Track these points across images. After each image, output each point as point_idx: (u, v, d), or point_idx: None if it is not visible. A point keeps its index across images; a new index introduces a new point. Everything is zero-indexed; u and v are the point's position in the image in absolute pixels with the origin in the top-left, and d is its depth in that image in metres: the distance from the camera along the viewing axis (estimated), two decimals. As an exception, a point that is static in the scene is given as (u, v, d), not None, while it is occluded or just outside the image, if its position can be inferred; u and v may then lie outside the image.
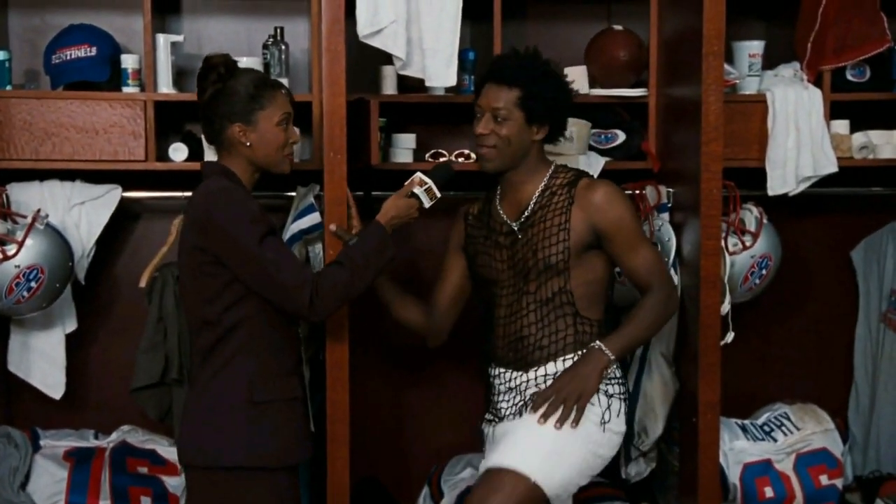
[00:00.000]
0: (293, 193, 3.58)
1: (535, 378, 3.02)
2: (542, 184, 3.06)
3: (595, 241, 3.02)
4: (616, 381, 3.03)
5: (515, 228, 3.06)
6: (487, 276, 3.12)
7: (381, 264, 2.91)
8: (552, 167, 3.09)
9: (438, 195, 3.04)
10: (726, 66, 3.57)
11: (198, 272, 2.82)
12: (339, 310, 2.89)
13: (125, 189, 3.62)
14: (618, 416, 3.01)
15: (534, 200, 3.05)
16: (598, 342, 2.99)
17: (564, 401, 2.91)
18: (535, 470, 2.87)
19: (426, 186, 3.02)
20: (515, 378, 3.06)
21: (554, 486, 2.89)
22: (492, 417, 3.12)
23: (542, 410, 2.92)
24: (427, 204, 3.03)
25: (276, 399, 2.85)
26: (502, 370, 3.09)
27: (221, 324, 2.81)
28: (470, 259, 3.19)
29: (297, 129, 3.59)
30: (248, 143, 2.86)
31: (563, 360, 3.00)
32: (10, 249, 3.38)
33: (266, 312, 2.83)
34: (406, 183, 3.04)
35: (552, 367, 3.01)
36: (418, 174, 3.04)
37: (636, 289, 3.10)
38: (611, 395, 3.00)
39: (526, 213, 3.05)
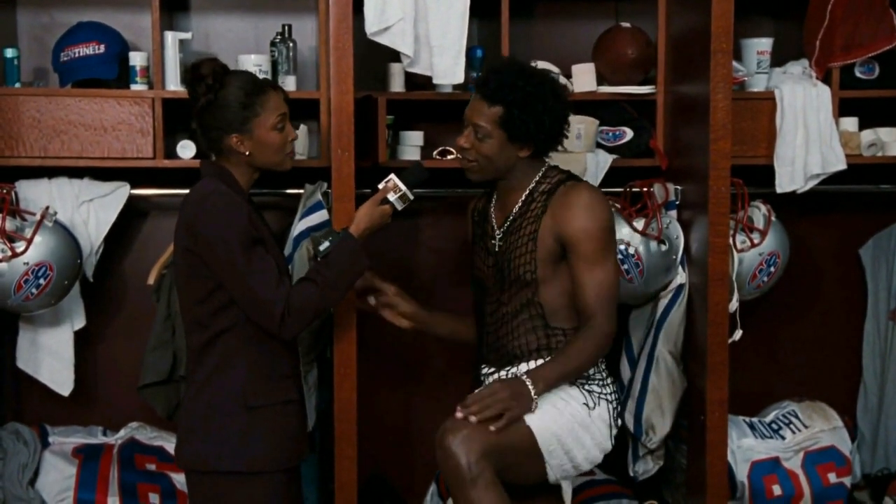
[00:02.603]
0: (293, 191, 3.59)
1: (507, 375, 2.99)
2: (527, 191, 2.98)
3: (562, 252, 2.92)
4: (597, 382, 2.97)
5: (499, 236, 3.02)
6: (477, 277, 3.10)
7: (353, 278, 2.89)
8: (542, 170, 3.00)
9: (412, 198, 2.98)
10: (735, 64, 3.56)
11: (190, 273, 2.81)
12: (308, 326, 2.85)
13: (133, 186, 3.62)
14: (601, 406, 2.95)
15: (517, 207, 2.99)
16: (525, 376, 2.84)
17: (493, 405, 2.80)
18: (531, 417, 2.83)
19: (400, 193, 2.95)
20: (494, 374, 3.05)
21: (546, 436, 2.85)
22: None
23: (473, 408, 2.81)
24: (400, 208, 2.98)
25: (271, 403, 2.83)
26: (486, 368, 3.09)
27: (212, 326, 2.80)
28: (472, 256, 3.17)
29: (304, 127, 3.64)
30: (246, 152, 2.83)
31: (536, 361, 2.96)
32: (19, 246, 3.39)
33: None
34: (380, 187, 2.98)
35: (524, 367, 2.97)
36: (392, 178, 2.97)
37: (577, 311, 2.91)
38: (591, 392, 2.95)
39: (509, 221, 3.00)
